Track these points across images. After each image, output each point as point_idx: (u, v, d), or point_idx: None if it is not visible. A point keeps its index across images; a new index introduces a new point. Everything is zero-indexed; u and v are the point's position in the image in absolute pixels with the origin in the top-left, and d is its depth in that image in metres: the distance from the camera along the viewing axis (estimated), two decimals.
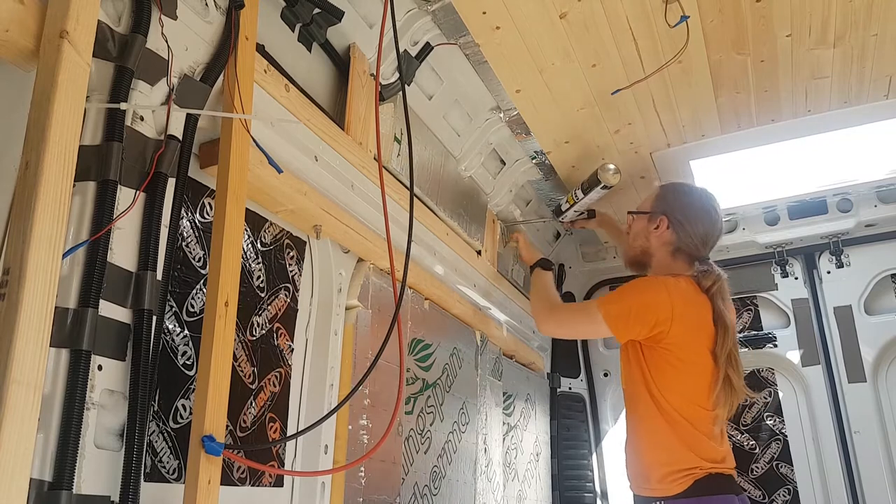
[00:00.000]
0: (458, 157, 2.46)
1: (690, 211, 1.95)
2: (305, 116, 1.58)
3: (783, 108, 2.30)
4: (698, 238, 1.94)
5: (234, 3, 1.37)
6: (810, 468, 2.95)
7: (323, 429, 1.61)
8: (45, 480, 0.96)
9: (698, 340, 1.82)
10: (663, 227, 1.95)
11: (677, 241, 1.94)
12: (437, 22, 1.98)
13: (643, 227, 2.01)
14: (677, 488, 1.76)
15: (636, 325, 1.84)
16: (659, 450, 1.83)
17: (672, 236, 1.94)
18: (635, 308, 1.85)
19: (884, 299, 2.96)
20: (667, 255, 1.96)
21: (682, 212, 1.94)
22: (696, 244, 1.94)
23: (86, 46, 1.04)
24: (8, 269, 0.92)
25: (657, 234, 1.96)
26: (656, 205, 2.00)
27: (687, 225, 1.93)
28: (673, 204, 1.97)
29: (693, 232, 1.93)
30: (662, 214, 1.96)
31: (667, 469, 1.79)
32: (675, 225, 1.94)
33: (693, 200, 1.98)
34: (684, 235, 1.93)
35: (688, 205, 1.97)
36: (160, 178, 1.19)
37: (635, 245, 2.04)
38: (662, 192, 2.04)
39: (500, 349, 2.81)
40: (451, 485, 2.26)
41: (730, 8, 1.84)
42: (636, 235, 2.04)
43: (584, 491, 3.27)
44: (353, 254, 1.84)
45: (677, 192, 2.02)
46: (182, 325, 1.29)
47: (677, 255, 1.95)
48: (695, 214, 1.94)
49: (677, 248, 1.95)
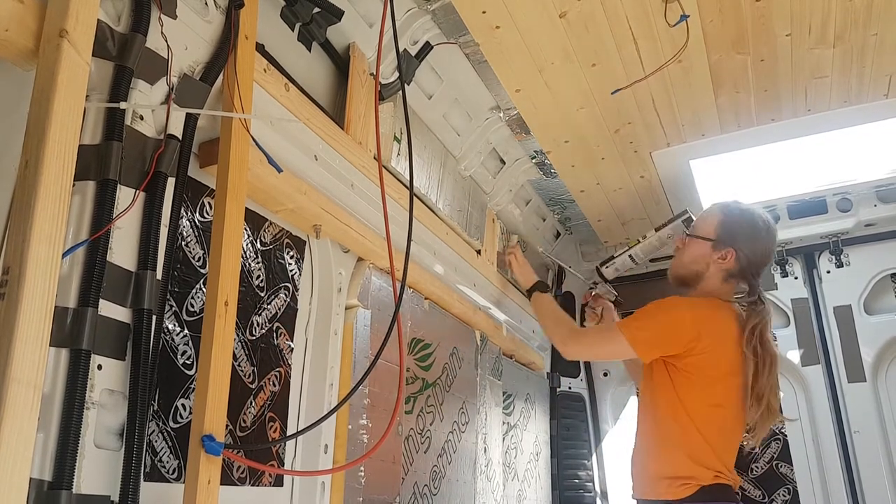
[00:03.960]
0: (457, 157, 2.46)
1: (758, 244, 1.94)
2: (305, 116, 1.58)
3: (783, 108, 2.30)
4: (756, 266, 1.95)
5: (233, 3, 1.37)
6: (810, 468, 2.95)
7: (323, 428, 1.61)
8: (44, 480, 0.95)
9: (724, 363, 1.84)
10: (730, 258, 1.94)
11: (737, 269, 1.95)
12: (436, 21, 1.98)
13: (706, 252, 1.97)
14: (684, 492, 1.78)
15: (661, 344, 1.85)
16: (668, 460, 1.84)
17: (735, 266, 1.94)
18: (660, 329, 1.87)
19: (883, 299, 2.96)
20: (719, 280, 1.96)
21: (750, 246, 1.93)
22: (752, 272, 1.95)
23: (85, 46, 1.04)
24: (8, 269, 0.92)
25: (721, 263, 1.95)
26: (723, 234, 1.96)
27: (752, 257, 1.94)
28: (741, 235, 1.95)
29: (754, 262, 1.94)
30: (731, 247, 1.93)
31: (672, 477, 1.81)
32: (741, 258, 1.93)
33: (759, 231, 1.96)
34: (745, 264, 1.94)
35: (755, 236, 1.95)
36: (160, 178, 1.19)
37: (691, 267, 2.00)
38: (729, 219, 1.99)
39: (499, 349, 2.81)
40: (450, 484, 2.26)
41: (730, 7, 1.84)
42: (695, 259, 1.99)
43: (583, 491, 3.27)
44: (352, 253, 1.84)
45: (744, 222, 1.98)
46: (182, 325, 1.29)
47: (729, 280, 1.97)
48: (761, 245, 1.95)
49: (731, 275, 1.96)
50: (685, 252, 2.05)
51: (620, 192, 2.86)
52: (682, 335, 1.82)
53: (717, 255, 1.95)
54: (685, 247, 2.06)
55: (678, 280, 2.06)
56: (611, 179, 2.76)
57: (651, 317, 1.91)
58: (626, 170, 2.69)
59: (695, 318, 1.83)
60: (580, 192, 2.87)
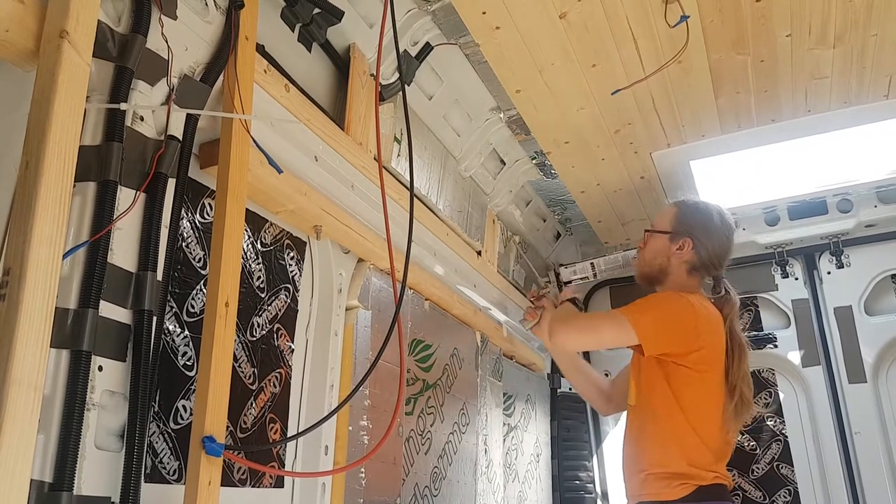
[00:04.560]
0: (458, 158, 2.46)
1: (713, 232, 1.99)
2: (305, 116, 1.58)
3: (783, 108, 2.30)
4: (717, 258, 1.99)
5: (233, 3, 1.37)
6: (811, 469, 2.95)
7: (323, 430, 1.61)
8: (45, 481, 0.95)
9: (718, 359, 1.86)
10: (687, 247, 1.98)
11: (696, 260, 1.98)
12: (437, 22, 1.98)
13: (664, 246, 2.02)
14: (681, 492, 1.77)
15: (667, 337, 1.84)
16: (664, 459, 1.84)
17: (694, 256, 1.98)
18: (667, 321, 1.86)
19: (884, 300, 2.96)
20: (684, 272, 2.00)
21: (704, 233, 1.98)
22: (713, 263, 1.99)
23: (86, 46, 1.04)
24: (8, 270, 0.92)
25: (679, 254, 1.99)
26: (678, 225, 2.02)
27: (709, 245, 1.98)
28: (696, 226, 2.00)
29: (713, 252, 1.98)
30: (687, 236, 1.98)
31: (669, 476, 1.80)
32: (698, 246, 1.98)
33: (714, 221, 2.01)
34: (705, 255, 1.98)
35: (709, 226, 2.00)
36: (160, 179, 1.19)
37: (654, 263, 2.04)
38: (682, 211, 2.06)
39: (500, 350, 2.81)
40: (451, 486, 2.26)
41: (730, 8, 1.84)
42: (656, 254, 2.03)
43: (584, 492, 3.27)
44: (353, 254, 1.84)
45: (698, 213, 2.04)
46: (182, 326, 1.29)
47: (693, 273, 2.00)
48: (716, 235, 1.99)
49: (694, 267, 1.99)
50: (646, 249, 2.08)
51: (621, 192, 2.86)
52: (686, 330, 1.82)
53: (675, 246, 1.99)
54: (646, 245, 2.09)
55: (645, 279, 2.09)
56: (611, 180, 2.76)
57: (657, 310, 1.89)
58: (626, 170, 2.69)
59: (696, 315, 1.84)
60: (580, 192, 2.87)
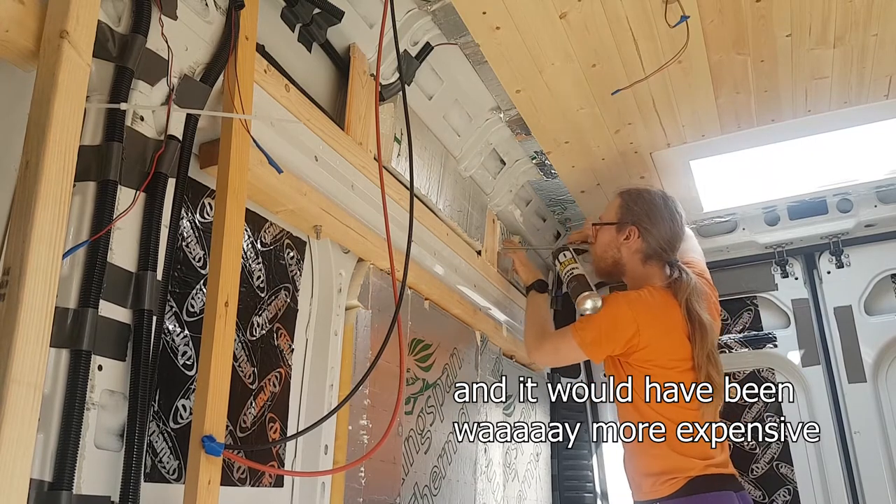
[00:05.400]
0: (458, 157, 2.46)
1: (656, 217, 2.00)
2: (305, 116, 1.58)
3: (783, 109, 2.30)
4: (665, 242, 1.99)
5: (234, 3, 1.37)
6: (810, 468, 2.95)
7: (323, 429, 1.61)
8: (45, 481, 0.95)
9: (671, 346, 1.86)
10: (634, 236, 2.00)
11: (647, 248, 1.99)
12: (437, 22, 1.98)
13: (612, 238, 2.04)
14: (669, 489, 1.77)
15: (607, 344, 1.90)
16: (647, 456, 1.85)
17: (642, 244, 1.99)
18: (604, 329, 1.91)
19: (884, 299, 2.96)
20: (638, 263, 2.01)
21: (648, 219, 1.99)
22: (663, 248, 1.99)
23: (86, 46, 1.04)
24: (8, 269, 0.92)
25: (627, 244, 2.01)
26: (622, 215, 2.03)
27: (654, 231, 1.98)
28: (639, 212, 2.01)
29: (660, 237, 1.99)
30: (631, 224, 1.99)
31: (657, 473, 1.80)
32: (644, 233, 1.98)
33: (657, 206, 2.02)
34: (653, 241, 1.98)
35: (653, 211, 2.01)
36: (160, 179, 1.19)
37: (606, 256, 2.07)
38: (625, 200, 2.07)
39: (500, 349, 2.81)
40: (451, 485, 2.26)
41: (730, 8, 1.84)
42: (606, 247, 2.06)
43: (584, 491, 3.27)
44: (353, 254, 1.84)
45: (641, 200, 2.05)
46: (182, 326, 1.29)
47: (648, 262, 2.00)
48: (660, 219, 2.00)
49: (647, 255, 2.00)
50: (597, 243, 2.11)
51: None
52: (623, 332, 1.84)
53: (622, 237, 2.01)
54: (596, 239, 2.09)
55: (603, 273, 2.10)
56: (611, 180, 2.76)
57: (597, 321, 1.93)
58: (626, 170, 2.68)
59: (634, 314, 1.85)
60: (580, 192, 2.87)
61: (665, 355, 1.84)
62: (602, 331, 1.91)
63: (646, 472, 1.84)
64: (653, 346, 1.83)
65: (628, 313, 1.87)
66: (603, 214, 2.14)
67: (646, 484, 1.83)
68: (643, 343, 1.84)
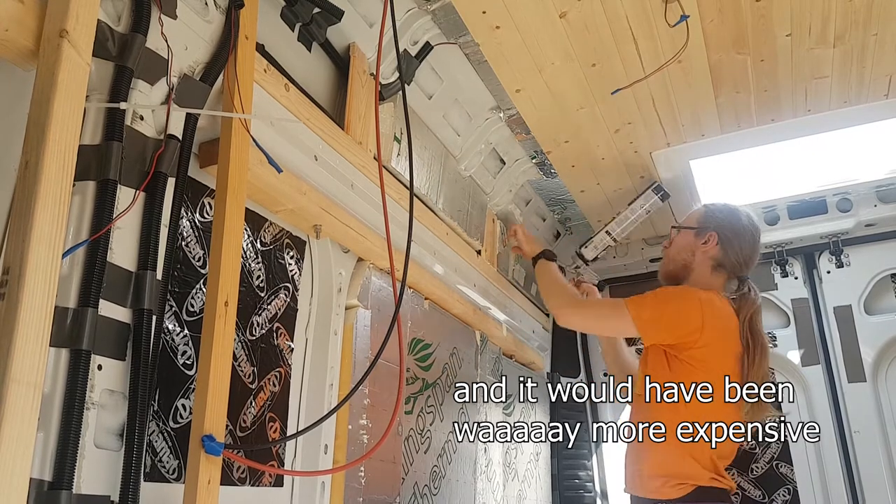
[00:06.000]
0: (457, 157, 2.46)
1: (740, 230, 1.99)
2: (305, 116, 1.58)
3: (783, 108, 2.30)
4: (743, 257, 1.97)
5: (233, 3, 1.37)
6: (810, 468, 2.94)
7: (323, 428, 1.61)
8: (44, 480, 0.95)
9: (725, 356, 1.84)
10: (712, 242, 1.98)
11: (722, 257, 1.97)
12: (436, 21, 1.98)
13: (690, 241, 2.02)
14: (677, 493, 1.77)
15: (666, 330, 1.85)
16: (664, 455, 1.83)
17: (718, 252, 1.97)
18: (668, 314, 1.86)
19: (884, 299, 2.96)
20: (707, 269, 1.98)
21: (731, 230, 1.98)
22: (739, 263, 1.97)
23: (85, 46, 1.04)
24: (8, 269, 0.92)
25: (704, 248, 1.99)
26: (705, 221, 2.03)
27: (735, 243, 1.97)
28: (723, 222, 2.00)
29: (739, 251, 1.97)
30: (713, 231, 1.98)
31: (668, 475, 1.80)
32: (724, 241, 1.97)
33: (742, 221, 2.01)
34: (731, 253, 1.96)
35: (737, 224, 2.00)
36: (160, 178, 1.19)
37: (678, 259, 2.05)
38: (710, 209, 2.07)
39: (499, 349, 2.81)
40: (450, 484, 2.26)
41: (730, 8, 1.84)
42: (681, 250, 2.04)
43: (583, 491, 3.27)
44: (352, 253, 1.84)
45: (727, 212, 2.04)
46: (182, 325, 1.29)
47: (717, 271, 1.98)
48: (743, 233, 1.99)
49: (719, 264, 1.98)
50: (672, 246, 2.09)
51: (620, 192, 2.86)
52: (688, 325, 1.81)
53: (701, 241, 1.99)
54: (672, 242, 2.10)
55: (669, 276, 2.08)
56: (611, 179, 2.76)
57: (661, 300, 1.90)
58: (626, 170, 2.69)
59: (703, 310, 1.82)
60: (580, 192, 2.87)
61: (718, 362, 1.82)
62: (665, 314, 1.86)
63: (655, 472, 1.84)
64: (711, 348, 1.81)
65: (698, 307, 1.83)
66: (683, 220, 2.14)
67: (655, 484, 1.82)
68: (703, 342, 1.80)
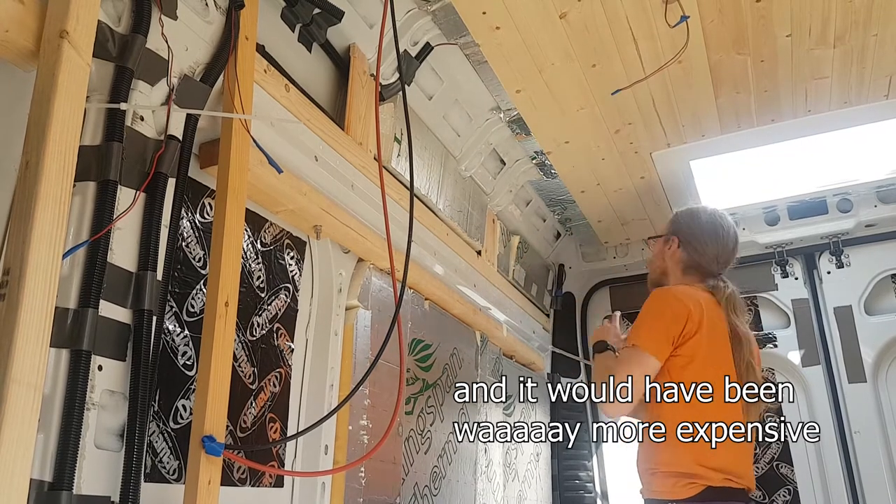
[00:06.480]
0: (458, 157, 2.46)
1: (697, 230, 2.06)
2: (305, 116, 1.58)
3: (783, 108, 2.30)
4: (708, 255, 2.04)
5: (234, 3, 1.37)
6: (810, 468, 2.94)
7: (323, 429, 1.61)
8: (45, 481, 0.95)
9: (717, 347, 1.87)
10: (674, 245, 2.07)
11: (688, 258, 2.05)
12: (437, 22, 1.98)
13: (660, 248, 2.13)
14: (686, 493, 1.77)
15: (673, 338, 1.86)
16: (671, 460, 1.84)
17: (682, 254, 2.06)
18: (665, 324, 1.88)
19: (884, 299, 2.96)
20: (679, 271, 2.07)
21: (689, 231, 2.07)
22: (707, 261, 2.04)
23: (86, 46, 1.04)
24: (8, 270, 0.92)
25: (670, 252, 2.08)
26: (670, 227, 2.13)
27: (695, 243, 2.04)
28: (682, 225, 2.10)
29: (702, 249, 2.04)
30: (674, 235, 2.08)
31: (675, 474, 1.80)
32: (684, 243, 2.06)
33: (700, 221, 2.09)
34: (693, 253, 2.04)
35: (694, 225, 2.08)
36: (160, 179, 1.19)
37: (655, 266, 2.15)
38: (675, 215, 2.17)
39: (500, 349, 2.81)
40: (451, 485, 2.26)
41: (730, 8, 1.84)
42: (655, 257, 2.15)
43: (584, 491, 3.27)
44: (353, 254, 1.84)
45: (686, 214, 2.14)
46: (182, 326, 1.29)
47: (688, 272, 2.06)
48: (701, 233, 2.06)
49: (688, 266, 2.06)
50: (651, 256, 2.18)
51: (621, 192, 2.86)
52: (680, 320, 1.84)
53: (667, 247, 2.08)
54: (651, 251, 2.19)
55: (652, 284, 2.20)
56: (611, 180, 2.76)
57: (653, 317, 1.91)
58: (626, 170, 2.69)
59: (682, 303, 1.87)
60: (580, 192, 2.87)
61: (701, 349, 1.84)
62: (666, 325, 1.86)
63: (665, 470, 1.84)
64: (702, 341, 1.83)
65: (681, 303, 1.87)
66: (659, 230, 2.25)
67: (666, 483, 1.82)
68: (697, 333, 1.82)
